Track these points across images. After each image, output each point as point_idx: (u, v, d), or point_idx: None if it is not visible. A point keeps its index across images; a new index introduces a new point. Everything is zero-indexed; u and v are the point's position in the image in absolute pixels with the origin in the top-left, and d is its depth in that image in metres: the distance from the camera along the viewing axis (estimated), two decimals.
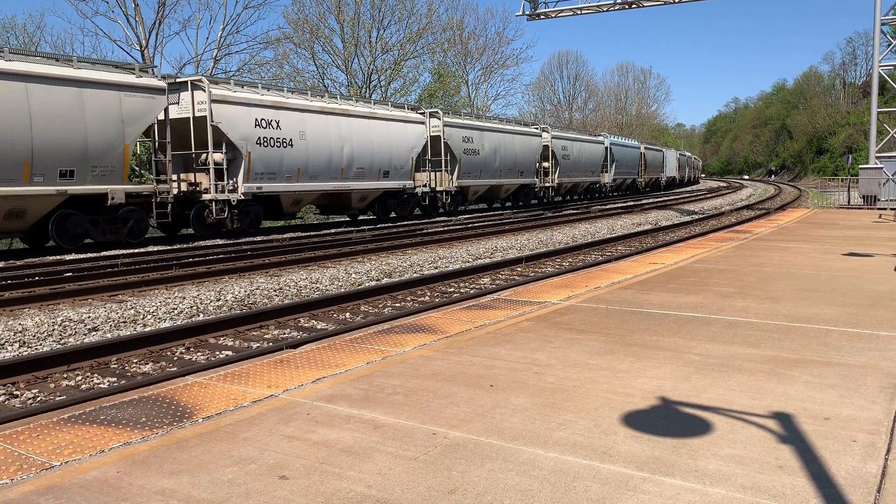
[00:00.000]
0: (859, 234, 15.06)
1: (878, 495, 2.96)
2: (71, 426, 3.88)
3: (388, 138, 24.92)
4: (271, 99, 20.86)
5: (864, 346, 5.45)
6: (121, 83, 16.85)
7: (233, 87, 20.45)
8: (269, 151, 20.34)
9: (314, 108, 22.20)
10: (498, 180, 32.53)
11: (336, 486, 3.09)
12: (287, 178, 21.12)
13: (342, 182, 23.15)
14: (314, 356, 5.32)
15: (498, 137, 32.30)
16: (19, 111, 14.89)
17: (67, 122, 15.69)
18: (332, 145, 22.57)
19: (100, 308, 9.74)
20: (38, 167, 15.35)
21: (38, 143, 15.22)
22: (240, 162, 19.68)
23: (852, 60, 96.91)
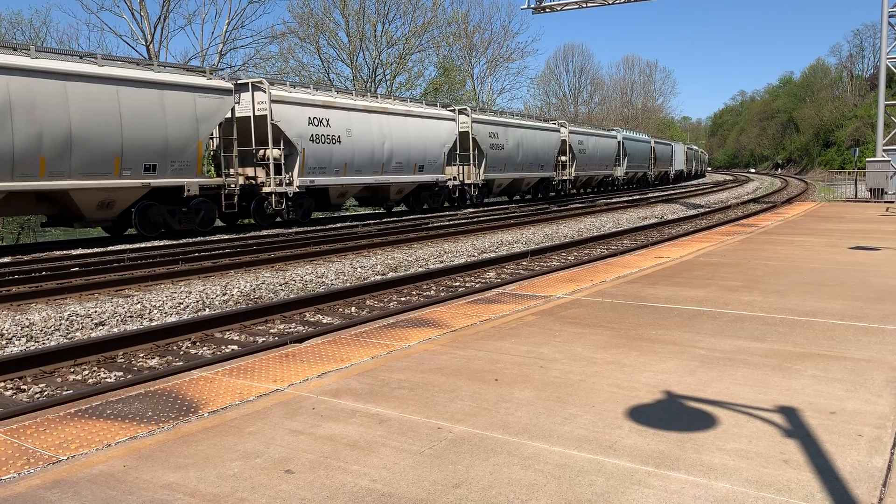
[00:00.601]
0: (866, 227, 14.99)
1: (883, 489, 2.95)
2: (77, 420, 3.90)
3: (422, 134, 26.37)
4: (322, 99, 22.32)
5: (871, 340, 5.43)
6: (195, 85, 18.41)
7: (288, 88, 21.88)
8: (320, 147, 21.88)
9: (359, 107, 23.67)
10: (520, 174, 33.80)
11: (341, 480, 3.10)
12: (335, 173, 22.63)
13: (382, 176, 24.64)
14: (319, 350, 5.33)
15: (521, 133, 33.38)
16: (112, 111, 16.50)
17: (151, 121, 17.30)
18: (375, 141, 24.04)
19: (106, 303, 9.77)
20: (126, 162, 16.93)
21: (126, 140, 16.80)
22: (295, 157, 21.10)
23: (860, 53, 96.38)
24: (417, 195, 27.57)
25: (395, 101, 26.65)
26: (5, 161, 14.81)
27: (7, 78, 14.65)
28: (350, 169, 23.12)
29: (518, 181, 34.30)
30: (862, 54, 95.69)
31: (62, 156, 15.72)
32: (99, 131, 16.23)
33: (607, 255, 14.27)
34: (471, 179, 29.98)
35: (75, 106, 15.81)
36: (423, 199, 27.92)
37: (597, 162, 43.64)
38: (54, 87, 15.48)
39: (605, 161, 45.22)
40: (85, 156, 16.10)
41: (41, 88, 15.24)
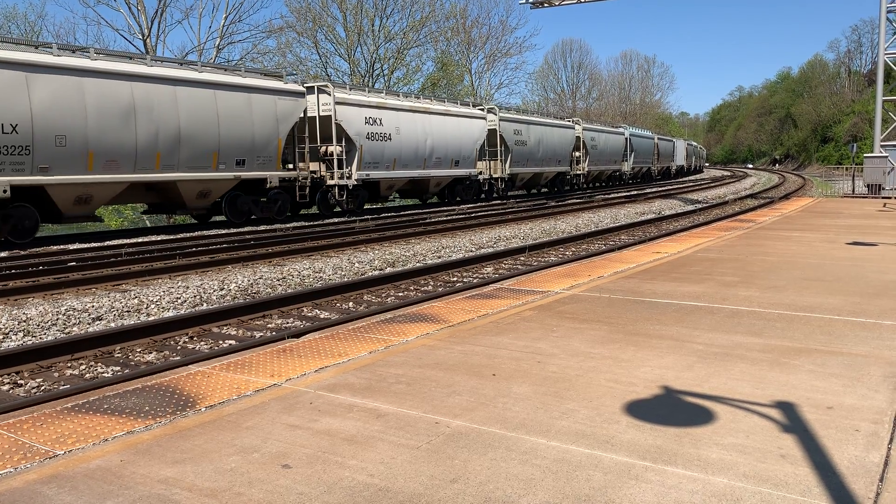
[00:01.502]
0: (864, 223, 15.01)
1: (880, 484, 2.96)
2: (74, 415, 3.89)
3: (458, 132, 28.83)
4: (375, 100, 24.77)
5: (868, 335, 5.43)
6: (275, 88, 20.76)
7: (347, 91, 24.39)
8: (374, 144, 24.28)
9: (405, 107, 26.14)
10: (541, 168, 36.17)
11: (338, 474, 3.10)
12: (386, 167, 25.06)
13: (424, 170, 27.08)
14: (317, 345, 5.32)
15: (541, 130, 35.86)
16: (211, 113, 18.88)
17: (241, 121, 19.65)
18: (419, 139, 26.48)
19: (104, 297, 9.75)
20: (222, 157, 19.28)
21: (223, 138, 19.18)
22: (354, 153, 23.46)
23: (857, 48, 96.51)
24: (452, 188, 29.83)
25: (433, 102, 29.00)
26: (129, 156, 17.13)
27: (131, 84, 17.03)
28: (398, 164, 25.52)
29: (538, 175, 36.57)
30: (860, 50, 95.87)
31: (173, 151, 18.00)
32: (201, 130, 18.58)
33: (605, 250, 14.27)
34: (497, 174, 32.32)
35: (183, 108, 18.13)
36: (457, 191, 30.07)
37: (607, 157, 45.84)
38: (167, 91, 17.79)
39: (615, 157, 47.42)
40: (190, 151, 18.41)
41: (157, 93, 17.58)
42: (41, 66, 15.53)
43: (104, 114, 16.55)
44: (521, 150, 33.65)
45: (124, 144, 16.98)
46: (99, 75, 16.55)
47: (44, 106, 15.49)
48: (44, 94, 15.50)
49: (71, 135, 15.96)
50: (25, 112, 15.17)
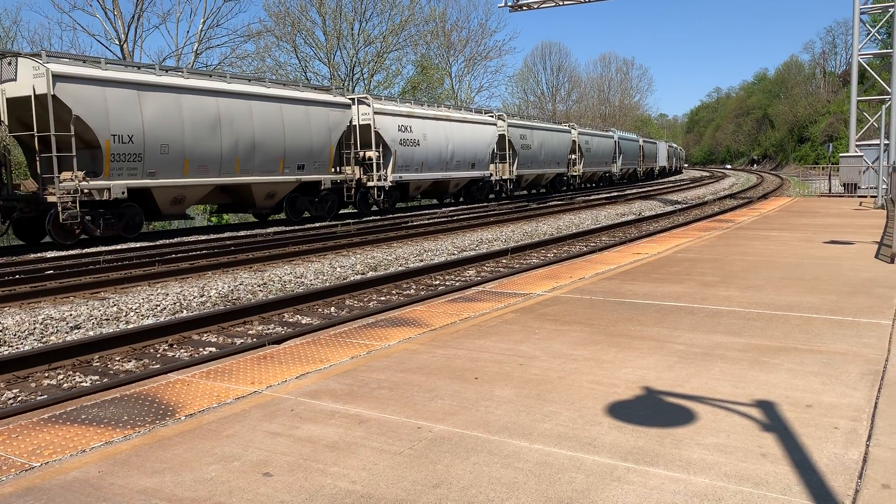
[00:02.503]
0: (840, 222, 15.19)
1: (859, 481, 2.99)
2: (52, 426, 3.84)
3: (474, 137, 31.65)
4: (406, 109, 27.70)
5: (846, 333, 5.49)
6: (327, 101, 23.53)
7: (383, 101, 27.08)
8: (406, 149, 26.95)
9: (430, 116, 29.03)
10: (543, 170, 39.02)
11: (320, 482, 3.08)
12: (415, 170, 27.73)
13: (446, 172, 29.89)
14: (298, 351, 5.29)
15: (543, 134, 38.72)
16: (278, 123, 21.47)
17: (301, 131, 22.25)
18: (442, 144, 29.17)
19: (82, 306, 9.64)
20: (286, 162, 21.91)
21: (287, 145, 21.78)
22: (389, 158, 26.14)
23: (832, 49, 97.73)
24: (468, 188, 32.74)
25: (451, 110, 32.16)
26: (216, 161, 19.62)
27: (216, 99, 19.57)
28: (425, 167, 28.27)
29: (540, 176, 39.40)
30: (834, 51, 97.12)
31: (249, 157, 20.61)
32: (271, 138, 21.17)
33: (586, 251, 14.33)
34: (506, 175, 35.07)
35: (257, 119, 20.73)
36: (472, 192, 33.00)
37: (599, 159, 48.75)
38: (244, 105, 20.41)
39: (605, 159, 50.34)
40: (262, 157, 21.03)
41: (236, 106, 20.17)
42: (149, 85, 17.91)
43: (197, 125, 19.02)
44: (526, 153, 36.38)
45: (212, 152, 19.48)
46: (192, 92, 19.03)
47: (152, 119, 17.89)
48: (152, 109, 17.89)
49: (172, 144, 18.43)
50: (138, 125, 17.60)
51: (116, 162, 17.19)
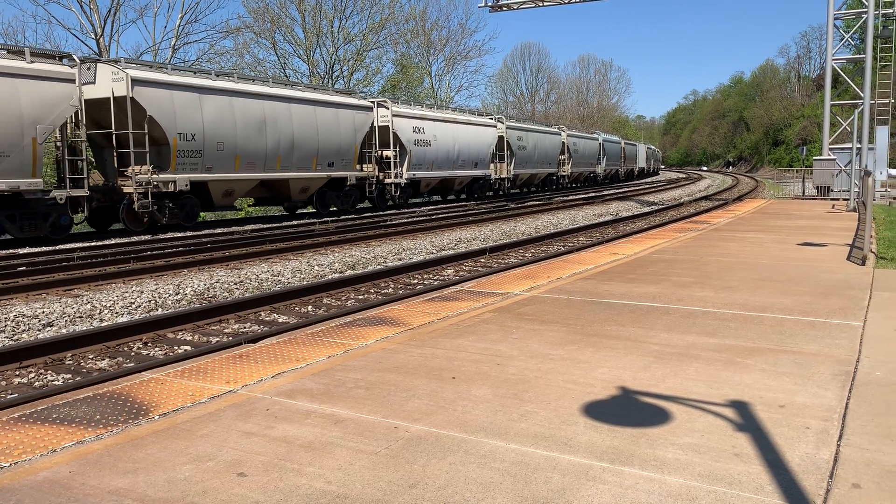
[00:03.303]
0: (813, 224, 15.40)
1: (830, 481, 3.03)
2: (21, 425, 3.77)
3: (477, 138, 34.17)
4: (419, 112, 30.20)
5: (818, 334, 5.57)
6: (353, 104, 25.75)
7: (400, 105, 29.29)
8: (419, 149, 29.28)
9: (440, 118, 31.43)
10: (536, 170, 41.56)
11: (295, 482, 3.06)
12: (427, 168, 30.03)
13: (453, 171, 32.26)
14: (274, 350, 5.26)
15: (536, 136, 41.20)
16: (312, 124, 23.56)
17: (331, 131, 24.38)
18: (449, 144, 31.53)
19: (55, 303, 9.50)
20: (319, 159, 24.04)
21: (320, 145, 23.92)
22: (405, 157, 28.48)
23: (807, 54, 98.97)
24: (470, 186, 35.23)
25: (456, 112, 34.53)
26: (261, 158, 21.72)
27: (262, 102, 21.67)
28: (434, 166, 30.56)
29: (534, 176, 41.90)
30: (809, 55, 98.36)
31: (288, 155, 22.72)
32: (306, 138, 23.28)
33: (564, 251, 14.39)
34: (503, 174, 37.45)
35: (295, 120, 22.86)
36: (474, 189, 35.48)
37: (586, 160, 51.30)
38: (284, 107, 22.54)
39: (591, 160, 52.87)
40: (299, 155, 23.13)
41: (279, 109, 22.25)
42: (208, 89, 20.00)
43: (247, 125, 21.10)
44: (522, 153, 38.89)
45: (258, 149, 21.54)
46: (243, 95, 21.12)
47: (210, 120, 19.91)
48: (210, 110, 19.95)
49: (226, 142, 20.53)
50: (199, 125, 19.56)
51: (181, 157, 19.18)
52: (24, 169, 15.86)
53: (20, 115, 15.69)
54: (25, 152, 15.81)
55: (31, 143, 15.86)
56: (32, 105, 15.92)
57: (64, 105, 16.60)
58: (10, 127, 15.47)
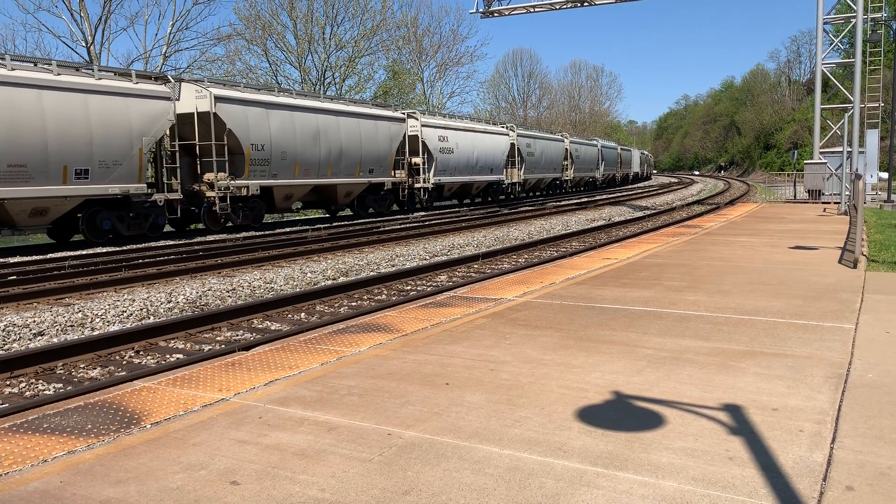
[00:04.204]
0: (805, 227, 15.47)
1: (823, 483, 3.03)
2: (12, 435, 3.74)
3: (493, 145, 36.99)
4: (443, 122, 33.34)
5: (810, 337, 5.58)
6: (389, 116, 28.56)
7: (427, 117, 32.41)
8: (444, 156, 32.08)
9: (461, 127, 34.30)
10: (543, 175, 44.80)
11: (288, 490, 3.04)
12: (450, 174, 32.81)
13: (472, 176, 35.10)
14: (267, 358, 5.24)
15: (543, 143, 44.37)
16: (356, 135, 26.15)
17: (373, 141, 27.08)
18: (469, 152, 34.31)
19: (45, 312, 9.45)
20: (362, 167, 26.62)
21: (364, 153, 26.54)
22: (431, 163, 31.25)
23: (797, 58, 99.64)
24: (486, 190, 38.19)
25: (474, 122, 37.71)
26: (315, 166, 24.22)
27: (316, 115, 24.26)
28: (456, 171, 33.36)
29: (541, 180, 45.08)
30: (799, 60, 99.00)
31: (337, 163, 25.28)
32: (351, 147, 25.84)
33: (557, 256, 14.40)
34: (514, 179, 40.33)
35: (343, 132, 25.50)
36: (489, 193, 38.56)
37: (586, 166, 54.09)
38: (334, 120, 25.16)
39: (591, 165, 55.68)
40: (345, 163, 25.69)
41: (329, 121, 24.88)
42: (273, 104, 22.58)
43: (305, 137, 23.65)
44: (531, 159, 41.90)
45: (313, 158, 24.07)
46: (301, 109, 23.75)
47: (276, 132, 22.48)
48: (276, 123, 22.53)
49: (288, 151, 23.02)
50: (267, 136, 22.14)
51: (253, 165, 21.75)
52: (132, 175, 18.37)
53: (130, 128, 18.19)
54: (133, 161, 18.31)
55: (137, 153, 18.39)
56: (139, 120, 18.43)
57: (163, 119, 19.13)
58: (122, 139, 18.01)
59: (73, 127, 16.82)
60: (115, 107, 17.78)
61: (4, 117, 15.52)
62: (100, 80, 17.62)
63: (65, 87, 16.71)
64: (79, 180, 17.10)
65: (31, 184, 16.10)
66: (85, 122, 17.06)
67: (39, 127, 16.12)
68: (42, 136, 16.19)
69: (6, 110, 15.57)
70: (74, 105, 16.86)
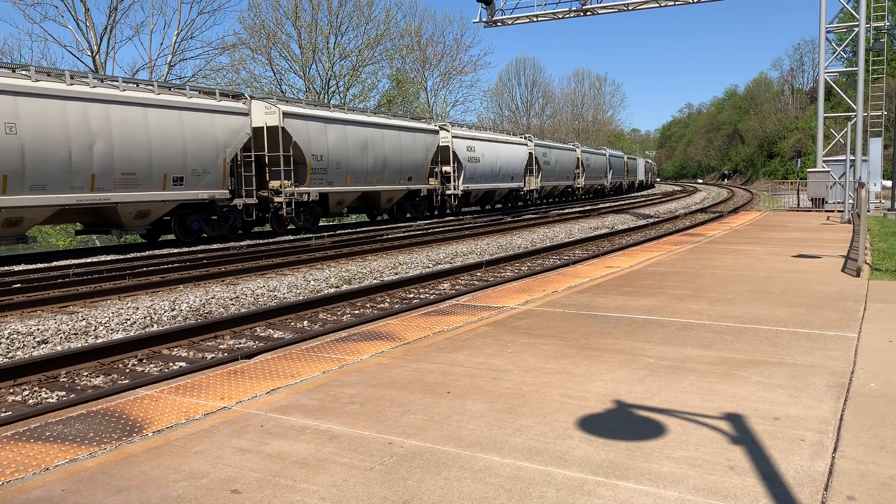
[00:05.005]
0: (808, 236, 15.45)
1: (825, 493, 3.02)
2: (14, 443, 3.76)
3: (513, 155, 39.31)
4: (471, 134, 35.66)
5: (813, 346, 5.58)
6: (425, 129, 31.07)
7: (456, 128, 34.53)
8: (472, 165, 34.39)
9: (486, 138, 36.60)
10: (557, 182, 46.91)
11: (289, 499, 3.05)
12: (476, 182, 35.02)
13: (495, 184, 37.21)
14: (269, 366, 5.24)
15: (558, 152, 46.88)
16: (398, 146, 28.51)
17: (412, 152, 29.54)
18: (492, 161, 36.53)
19: (49, 320, 9.47)
20: (402, 174, 29.11)
21: (404, 163, 29.05)
22: (460, 171, 33.59)
23: (800, 67, 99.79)
24: (507, 197, 40.32)
25: (497, 133, 40.47)
26: (363, 174, 26.59)
27: (365, 129, 26.68)
28: (482, 179, 35.58)
29: (555, 188, 47.27)
30: (802, 68, 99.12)
31: (382, 171, 27.57)
32: (394, 158, 28.20)
33: (559, 265, 14.40)
34: (532, 186, 42.55)
35: (387, 144, 27.77)
36: (509, 199, 40.76)
37: (595, 174, 56.36)
38: (379, 132, 27.50)
39: (600, 173, 57.91)
40: (388, 171, 28.04)
41: (376, 134, 27.28)
42: (330, 119, 24.96)
43: (355, 148, 25.94)
44: (546, 168, 44.10)
45: (362, 167, 26.39)
46: (353, 123, 26.15)
47: (332, 144, 24.79)
48: (332, 136, 24.87)
49: (342, 161, 25.32)
50: (325, 148, 24.44)
51: (314, 174, 24.00)
52: (217, 182, 20.83)
53: (216, 141, 20.65)
54: (218, 170, 20.80)
55: (222, 163, 20.87)
56: (223, 133, 20.92)
57: (241, 133, 21.59)
58: (210, 150, 20.44)
59: (172, 140, 19.27)
60: (204, 122, 20.30)
61: (119, 132, 17.96)
62: (191, 98, 20.10)
63: (165, 104, 19.23)
64: (175, 186, 19.55)
65: (138, 189, 18.55)
66: (180, 135, 19.54)
67: (146, 140, 18.61)
68: (147, 149, 18.66)
69: (120, 126, 18.00)
70: (172, 121, 19.37)
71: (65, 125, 16.76)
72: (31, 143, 16.07)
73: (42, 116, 16.32)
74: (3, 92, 15.55)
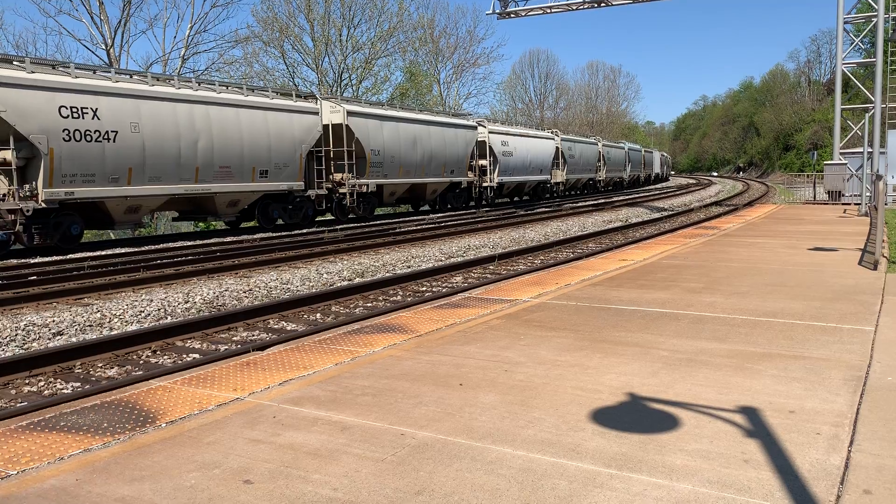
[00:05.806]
0: (824, 229, 15.30)
1: (841, 487, 2.99)
2: (30, 433, 3.79)
3: (542, 149, 41.14)
4: (505, 129, 37.55)
5: (829, 339, 5.52)
6: (466, 125, 33.13)
7: (491, 123, 36.75)
8: (505, 159, 36.13)
9: (518, 133, 38.69)
10: (580, 175, 49.20)
11: (301, 489, 3.05)
12: (509, 175, 36.75)
13: (526, 176, 39.04)
14: (282, 358, 5.26)
15: (582, 146, 48.99)
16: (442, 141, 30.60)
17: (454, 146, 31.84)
18: (524, 155, 38.30)
19: (65, 312, 9.55)
20: (446, 168, 31.05)
21: (447, 156, 31.04)
22: (496, 165, 35.39)
23: (817, 58, 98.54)
24: (535, 189, 42.31)
25: (528, 128, 42.90)
26: (413, 167, 28.67)
27: (414, 126, 28.83)
28: (514, 172, 37.30)
29: (578, 180, 49.42)
30: (819, 60, 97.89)
31: (428, 165, 29.68)
32: (439, 152, 30.36)
33: (573, 258, 14.35)
34: (558, 179, 44.59)
35: (433, 140, 29.95)
36: (537, 191, 42.74)
37: (615, 167, 58.11)
38: (425, 129, 29.58)
39: (619, 166, 59.65)
40: (434, 165, 30.07)
41: (424, 130, 29.37)
42: (385, 117, 27.14)
43: (406, 143, 28.09)
44: (572, 161, 46.09)
45: (412, 161, 28.58)
46: (404, 121, 28.31)
47: (387, 140, 26.98)
48: (387, 133, 26.99)
49: (395, 156, 27.44)
50: (381, 143, 26.59)
51: (372, 168, 26.10)
52: (294, 175, 22.99)
53: (293, 138, 22.82)
54: (295, 164, 22.96)
55: (298, 158, 23.01)
56: (300, 131, 23.13)
57: (314, 131, 23.76)
58: (289, 146, 22.62)
59: (259, 137, 21.57)
60: (284, 121, 22.60)
61: (218, 130, 20.22)
62: (273, 100, 22.34)
63: (254, 105, 21.53)
64: (261, 178, 21.83)
65: (232, 181, 20.83)
66: (265, 133, 21.83)
67: (238, 138, 20.88)
68: (240, 145, 20.92)
69: (219, 125, 20.27)
70: (259, 120, 21.69)
71: (175, 124, 19.00)
72: (150, 140, 18.26)
73: (158, 116, 18.55)
74: (130, 96, 17.92)
